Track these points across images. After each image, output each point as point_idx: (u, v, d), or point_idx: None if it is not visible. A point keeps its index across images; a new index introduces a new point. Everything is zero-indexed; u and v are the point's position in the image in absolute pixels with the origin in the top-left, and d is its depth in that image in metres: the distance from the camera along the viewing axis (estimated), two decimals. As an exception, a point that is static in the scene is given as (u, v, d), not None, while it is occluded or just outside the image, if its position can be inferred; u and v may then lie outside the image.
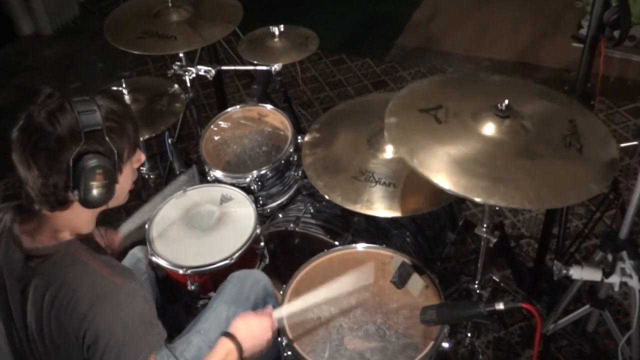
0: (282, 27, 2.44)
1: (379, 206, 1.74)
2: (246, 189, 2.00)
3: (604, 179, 1.41)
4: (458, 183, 1.37)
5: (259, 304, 1.69)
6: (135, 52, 2.24)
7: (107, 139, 1.21)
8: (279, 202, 2.16)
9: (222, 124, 2.29)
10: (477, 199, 1.34)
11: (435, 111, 1.54)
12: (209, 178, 2.12)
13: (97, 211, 1.33)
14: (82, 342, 1.19)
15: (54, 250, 1.25)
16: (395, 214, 1.73)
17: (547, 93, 1.70)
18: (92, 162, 1.19)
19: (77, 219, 1.29)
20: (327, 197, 1.79)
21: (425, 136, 1.48)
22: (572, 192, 1.37)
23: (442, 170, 1.40)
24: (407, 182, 1.75)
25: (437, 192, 1.45)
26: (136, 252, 1.82)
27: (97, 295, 1.19)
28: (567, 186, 1.38)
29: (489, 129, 1.47)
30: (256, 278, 1.73)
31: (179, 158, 2.40)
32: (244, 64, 2.62)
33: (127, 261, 1.79)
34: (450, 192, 1.36)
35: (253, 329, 1.47)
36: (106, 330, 1.18)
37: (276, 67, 2.35)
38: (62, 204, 1.25)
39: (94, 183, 1.20)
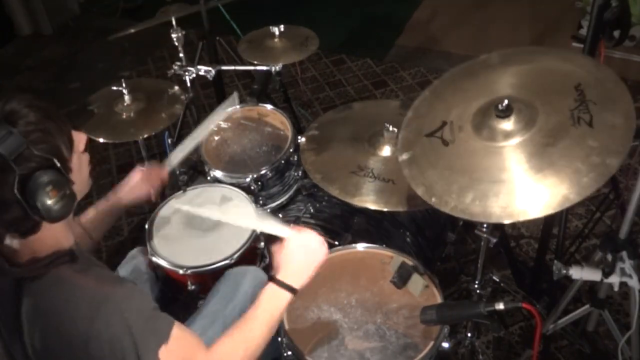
0: (282, 27, 2.44)
1: (378, 200, 1.77)
2: (246, 189, 2.00)
3: (621, 147, 1.28)
4: (485, 210, 1.30)
5: None
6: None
7: (36, 152, 1.09)
8: (279, 202, 2.16)
9: (222, 124, 2.29)
10: (508, 220, 1.28)
11: (441, 131, 1.47)
12: (209, 178, 2.12)
13: (69, 219, 1.23)
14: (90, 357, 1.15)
15: (37, 272, 1.17)
16: (394, 208, 1.76)
17: (544, 53, 1.62)
18: (38, 182, 1.08)
19: (52, 234, 1.20)
20: (325, 189, 1.82)
21: (438, 166, 1.41)
22: (588, 178, 1.26)
23: (461, 200, 1.33)
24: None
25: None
26: (135, 253, 1.82)
27: (93, 309, 1.14)
28: (583, 172, 1.27)
29: (497, 136, 1.41)
30: (254, 274, 1.71)
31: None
32: (244, 64, 2.61)
33: (126, 262, 1.79)
34: (480, 220, 1.31)
35: (298, 258, 1.41)
36: (113, 338, 1.14)
37: (276, 67, 2.35)
38: (33, 229, 1.15)
39: (52, 200, 1.10)
